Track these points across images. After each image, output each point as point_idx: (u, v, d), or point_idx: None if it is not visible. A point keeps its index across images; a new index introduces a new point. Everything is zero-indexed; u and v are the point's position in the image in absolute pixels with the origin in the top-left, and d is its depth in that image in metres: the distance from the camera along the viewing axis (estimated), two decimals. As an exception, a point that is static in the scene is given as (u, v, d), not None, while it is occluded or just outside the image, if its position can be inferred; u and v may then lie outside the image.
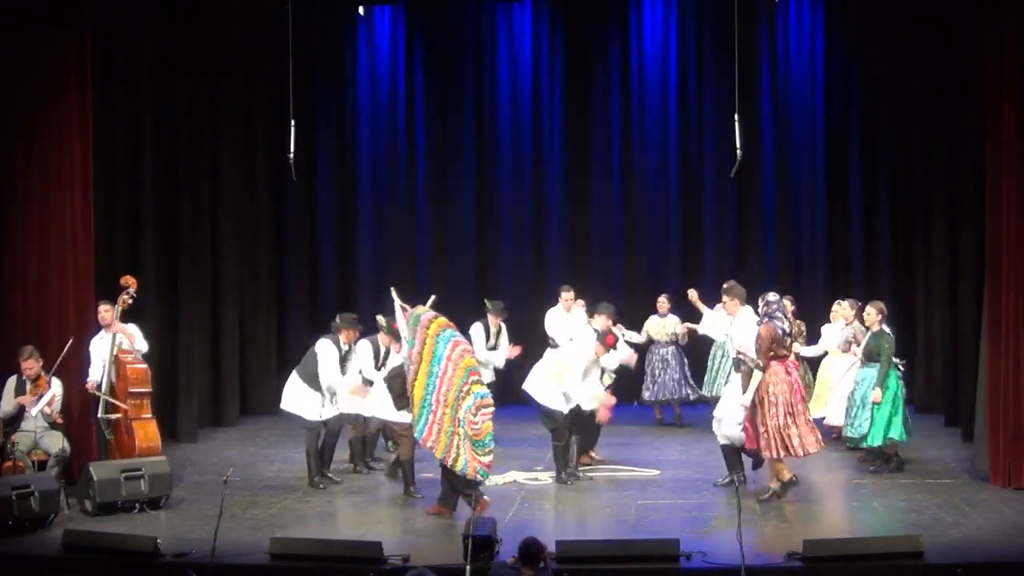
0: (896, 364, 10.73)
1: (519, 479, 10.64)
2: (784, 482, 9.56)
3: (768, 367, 9.47)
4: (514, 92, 15.51)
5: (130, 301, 10.46)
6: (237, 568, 7.99)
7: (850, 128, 14.97)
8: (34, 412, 10.06)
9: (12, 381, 10.24)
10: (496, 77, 15.52)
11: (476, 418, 9.08)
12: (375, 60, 15.59)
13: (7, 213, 10.78)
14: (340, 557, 8.09)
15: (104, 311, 10.42)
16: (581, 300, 12.60)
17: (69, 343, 10.26)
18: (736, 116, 10.99)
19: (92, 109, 10.93)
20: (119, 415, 10.29)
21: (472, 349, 9.51)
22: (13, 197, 10.77)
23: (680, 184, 15.35)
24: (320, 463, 10.53)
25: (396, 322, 9.86)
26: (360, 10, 15.15)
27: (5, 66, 10.69)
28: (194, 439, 12.84)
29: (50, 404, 10.11)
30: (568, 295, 12.52)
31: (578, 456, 10.94)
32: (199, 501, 9.90)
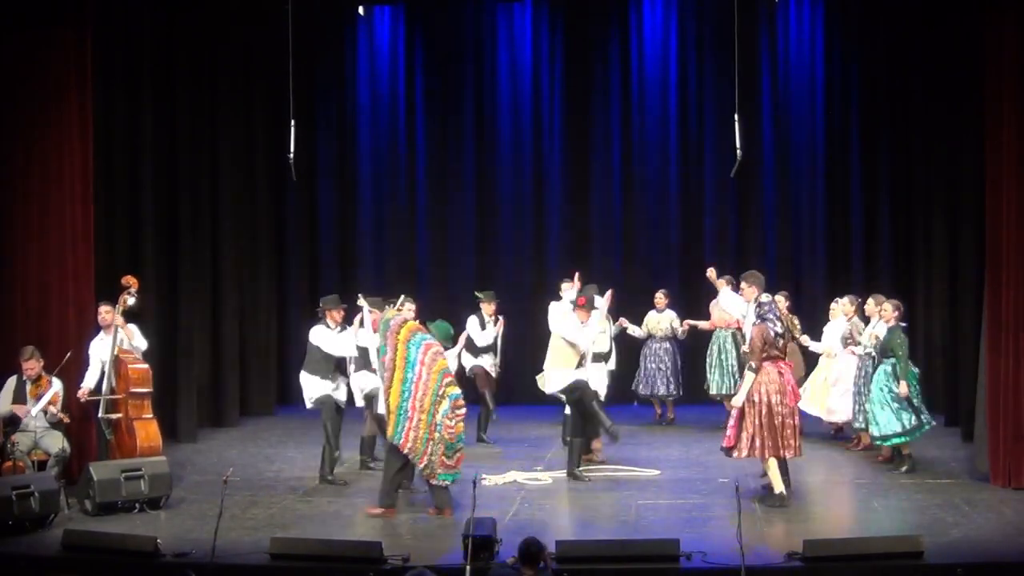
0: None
1: (519, 479, 10.64)
2: (776, 494, 9.48)
3: (761, 368, 9.46)
4: (514, 92, 15.52)
5: (131, 301, 10.45)
6: (237, 568, 7.99)
7: (850, 128, 14.97)
8: (34, 412, 10.05)
9: (12, 381, 10.24)
10: (496, 77, 15.53)
11: (452, 421, 9.21)
12: (375, 60, 15.60)
13: (7, 213, 10.78)
14: (340, 557, 8.09)
15: (105, 312, 10.42)
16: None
17: (68, 355, 10.26)
18: (736, 116, 11.00)
19: (92, 109, 10.93)
20: (119, 415, 10.29)
21: (443, 350, 9.57)
22: (13, 197, 10.78)
23: (680, 184, 15.36)
24: (338, 445, 10.57)
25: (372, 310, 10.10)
26: (360, 10, 15.16)
27: (5, 66, 10.69)
28: (194, 439, 12.85)
29: (53, 403, 10.11)
30: (568, 285, 12.40)
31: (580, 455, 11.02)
32: (199, 501, 9.90)
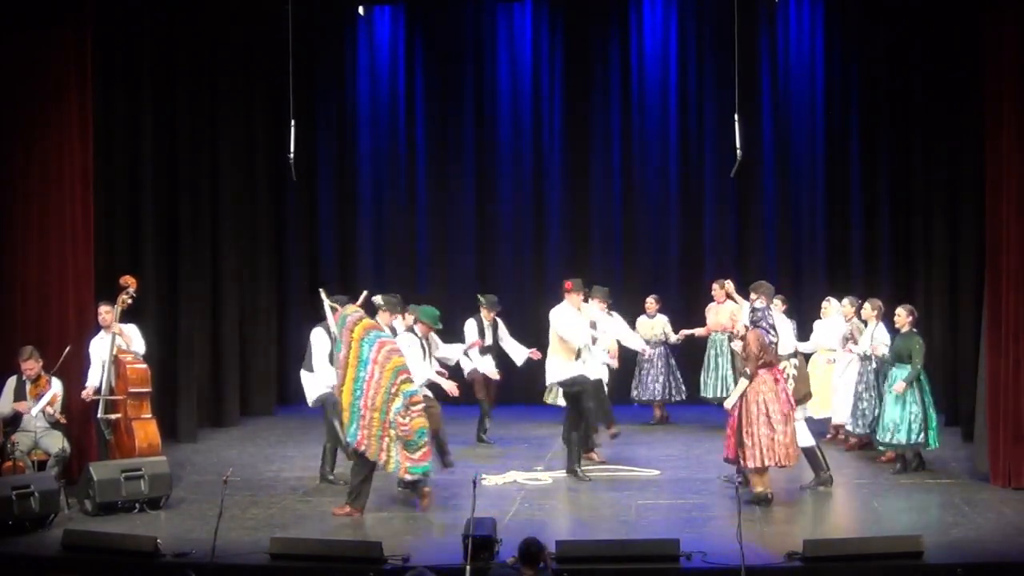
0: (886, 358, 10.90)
1: (519, 479, 10.64)
2: (756, 494, 9.45)
3: (756, 375, 9.44)
4: (514, 92, 15.51)
5: (130, 301, 10.45)
6: (237, 568, 8.00)
7: (850, 128, 14.96)
8: (34, 412, 10.05)
9: (12, 381, 10.24)
10: (496, 77, 15.52)
11: (405, 419, 9.22)
12: (375, 60, 15.60)
13: (7, 213, 10.78)
14: (340, 557, 8.10)
15: (105, 312, 10.42)
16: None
17: (67, 349, 10.26)
18: (736, 116, 10.99)
19: (92, 109, 10.93)
20: (119, 415, 10.29)
21: (399, 348, 9.54)
22: (13, 197, 10.78)
23: (680, 184, 15.35)
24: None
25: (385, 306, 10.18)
26: (360, 10, 15.16)
27: (5, 66, 10.69)
28: (194, 439, 12.84)
29: (51, 403, 10.11)
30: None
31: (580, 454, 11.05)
32: (199, 501, 9.90)
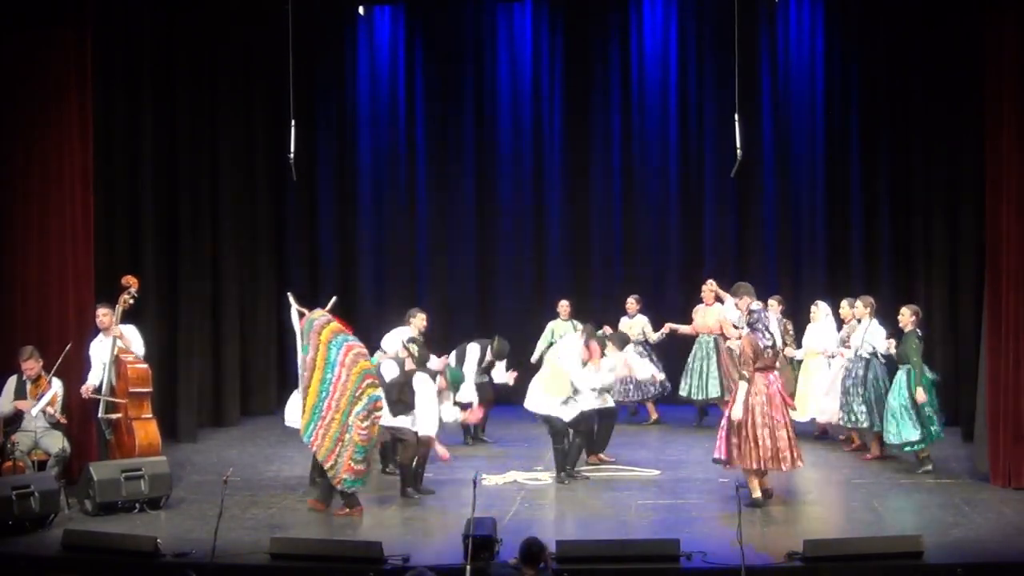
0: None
1: (519, 479, 10.64)
2: (752, 499, 9.39)
3: (753, 378, 9.39)
4: (514, 92, 15.50)
5: (131, 301, 10.45)
6: (237, 568, 8.00)
7: (850, 128, 14.95)
8: (34, 412, 10.05)
9: (12, 381, 10.24)
10: (496, 77, 15.51)
11: (364, 423, 9.26)
12: (375, 60, 15.59)
13: (7, 213, 10.78)
14: (340, 557, 8.11)
15: (102, 315, 10.39)
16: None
17: (68, 347, 10.26)
18: (736, 116, 10.99)
19: (92, 109, 10.93)
20: (119, 415, 10.29)
21: (367, 352, 9.56)
22: (13, 197, 10.78)
23: (680, 184, 15.34)
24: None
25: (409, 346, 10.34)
26: (360, 10, 15.14)
27: (5, 66, 10.69)
28: (194, 439, 12.84)
29: (51, 404, 10.11)
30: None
31: (587, 457, 11.06)
32: (199, 501, 9.90)
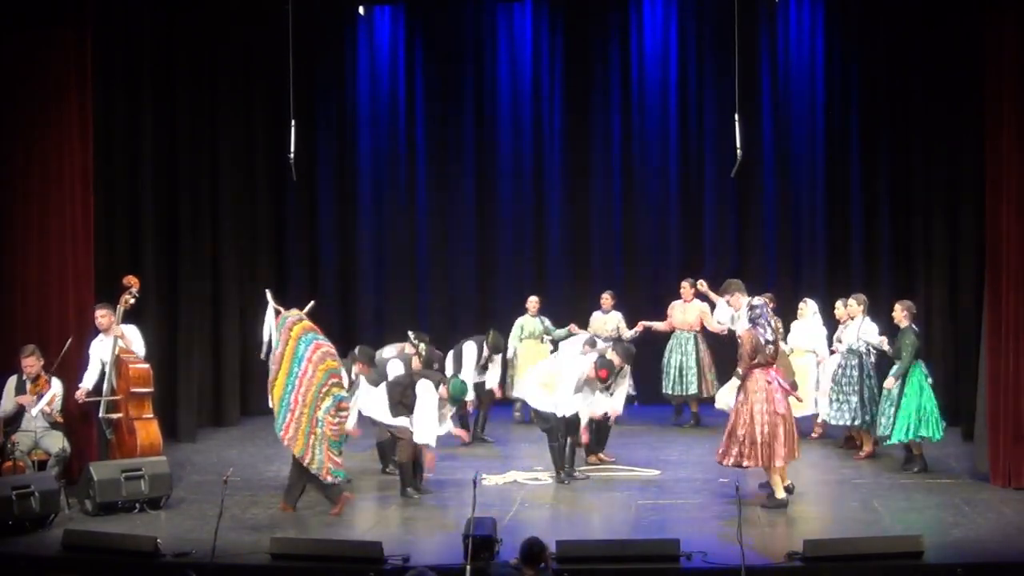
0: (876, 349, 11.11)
1: (519, 479, 10.64)
2: (779, 498, 9.43)
3: (750, 375, 9.41)
4: (514, 92, 15.49)
5: (132, 301, 10.46)
6: (237, 568, 8.00)
7: (850, 128, 14.93)
8: (34, 412, 10.06)
9: (12, 381, 10.24)
10: (496, 77, 15.50)
11: (335, 419, 9.35)
12: (375, 60, 15.58)
13: (7, 213, 10.78)
14: (340, 557, 8.10)
15: (100, 316, 10.38)
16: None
17: (69, 341, 10.26)
18: (736, 116, 10.99)
19: (92, 109, 10.93)
20: (120, 415, 10.29)
21: (335, 352, 9.57)
22: (13, 197, 10.78)
23: (680, 184, 15.33)
24: None
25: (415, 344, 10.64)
26: (360, 10, 15.13)
27: (5, 66, 10.69)
28: (194, 439, 12.84)
29: (50, 404, 10.12)
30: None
31: (586, 457, 11.05)
32: (199, 501, 9.90)
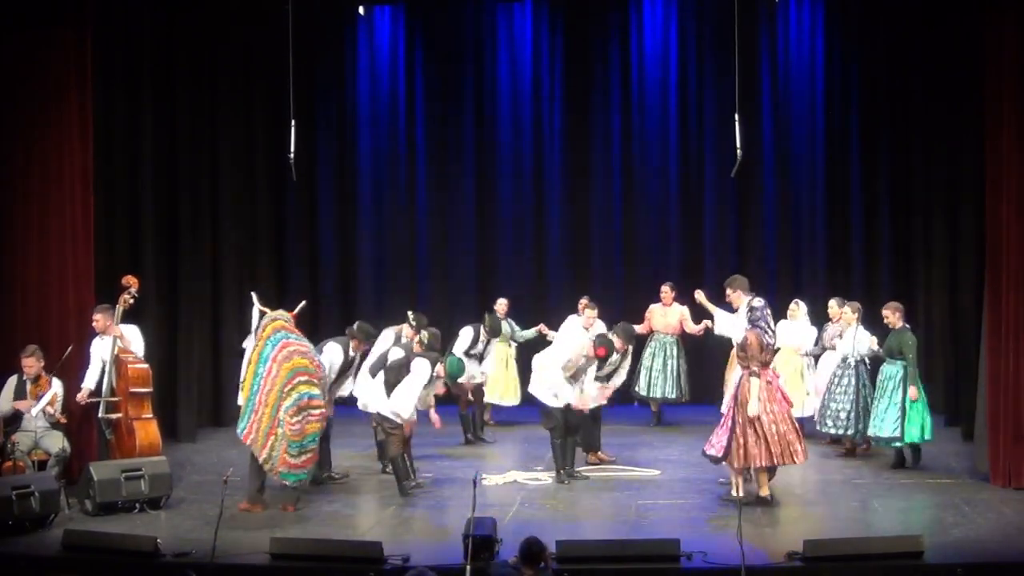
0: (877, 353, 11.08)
1: (519, 479, 10.64)
2: (761, 496, 9.43)
3: (763, 374, 9.39)
4: (514, 92, 15.50)
5: (131, 301, 10.46)
6: (237, 568, 8.00)
7: (850, 128, 14.95)
8: (34, 412, 10.06)
9: (12, 380, 10.24)
10: (496, 77, 15.51)
11: (295, 419, 9.30)
12: (375, 60, 15.59)
13: (7, 213, 10.78)
14: (340, 557, 8.10)
15: (95, 320, 10.36)
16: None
17: (69, 349, 10.26)
18: (736, 116, 10.99)
19: (92, 109, 10.93)
20: (120, 415, 10.29)
21: (306, 350, 9.54)
22: (13, 197, 10.78)
23: (680, 184, 15.34)
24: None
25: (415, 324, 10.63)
26: (360, 10, 15.14)
27: (5, 66, 10.69)
28: (194, 439, 12.85)
29: (51, 404, 10.12)
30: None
31: (587, 457, 11.05)
32: (199, 501, 9.90)
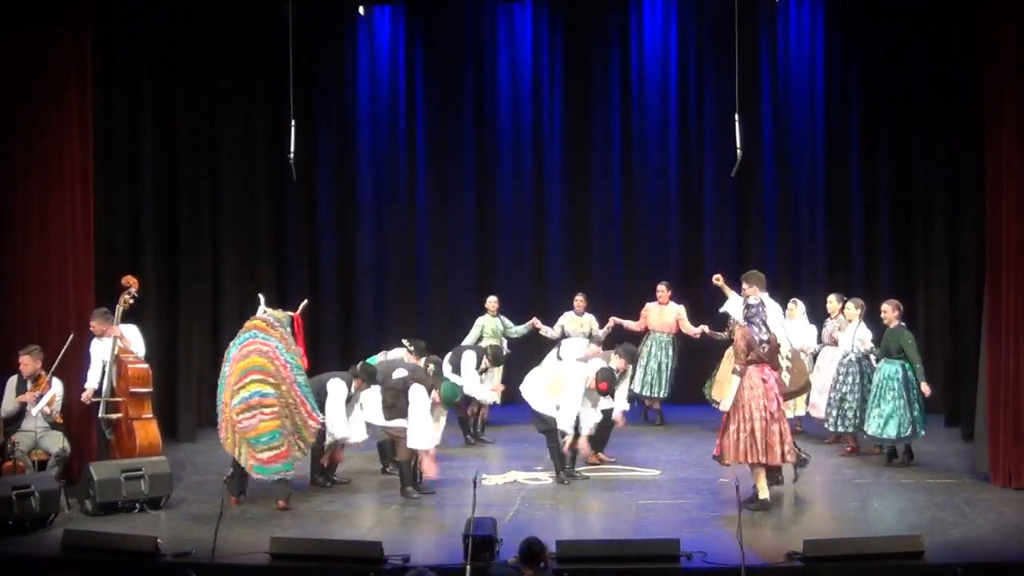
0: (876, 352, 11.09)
1: (519, 479, 10.64)
2: (761, 499, 9.38)
3: (746, 371, 9.39)
4: (514, 92, 15.49)
5: (131, 301, 10.46)
6: (237, 568, 7.99)
7: (850, 128, 14.95)
8: (35, 412, 10.05)
9: (13, 381, 10.24)
10: (496, 77, 15.50)
11: (243, 415, 9.42)
12: (375, 60, 15.58)
13: (7, 213, 10.78)
14: (340, 557, 8.10)
15: (93, 326, 10.32)
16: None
17: (70, 338, 10.25)
18: (736, 116, 10.99)
19: (92, 109, 10.93)
20: (120, 415, 10.29)
21: (266, 349, 9.54)
22: (13, 197, 10.78)
23: (680, 184, 15.33)
24: (320, 465, 10.48)
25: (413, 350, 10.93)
26: (360, 10, 15.13)
27: (5, 66, 10.69)
28: (194, 439, 12.83)
29: (50, 404, 10.11)
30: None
31: (587, 456, 11.00)
32: (199, 501, 9.90)
